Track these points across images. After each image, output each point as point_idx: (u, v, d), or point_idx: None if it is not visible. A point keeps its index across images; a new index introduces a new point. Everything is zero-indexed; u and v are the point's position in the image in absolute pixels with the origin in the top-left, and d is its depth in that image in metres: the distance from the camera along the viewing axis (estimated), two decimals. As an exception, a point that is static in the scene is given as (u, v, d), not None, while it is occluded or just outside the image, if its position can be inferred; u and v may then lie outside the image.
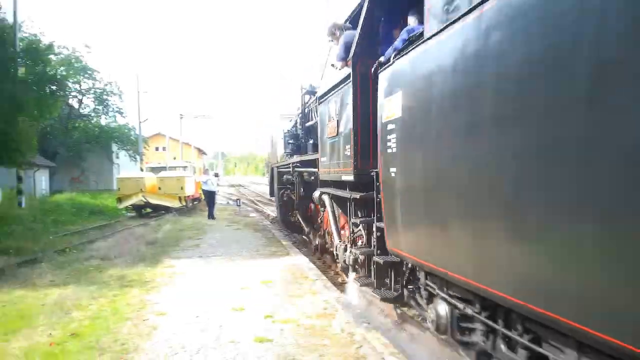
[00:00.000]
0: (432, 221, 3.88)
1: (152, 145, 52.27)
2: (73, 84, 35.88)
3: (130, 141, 38.00)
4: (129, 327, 5.27)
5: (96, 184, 36.59)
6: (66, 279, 7.83)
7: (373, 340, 4.72)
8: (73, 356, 4.42)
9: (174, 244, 11.60)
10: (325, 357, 4.35)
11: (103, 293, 6.80)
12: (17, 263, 9.34)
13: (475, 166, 3.17)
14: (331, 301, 6.20)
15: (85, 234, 14.70)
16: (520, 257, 2.73)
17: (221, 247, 10.94)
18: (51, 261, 9.57)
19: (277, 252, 10.16)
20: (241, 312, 5.80)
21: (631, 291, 2.03)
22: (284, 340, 4.79)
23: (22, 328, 5.26)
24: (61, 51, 33.58)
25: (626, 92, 2.02)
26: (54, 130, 33.65)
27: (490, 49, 2.92)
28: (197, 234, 13.33)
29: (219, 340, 4.83)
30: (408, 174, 4.32)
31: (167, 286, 7.23)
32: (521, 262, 2.72)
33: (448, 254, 3.62)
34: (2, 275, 8.33)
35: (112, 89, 39.15)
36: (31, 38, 20.13)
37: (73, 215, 19.66)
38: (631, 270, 2.02)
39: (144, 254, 10.01)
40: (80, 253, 10.60)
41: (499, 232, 2.93)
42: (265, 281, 7.43)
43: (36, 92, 17.19)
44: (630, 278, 2.04)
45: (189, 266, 8.75)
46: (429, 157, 3.86)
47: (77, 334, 5.05)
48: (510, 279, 2.85)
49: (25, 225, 14.77)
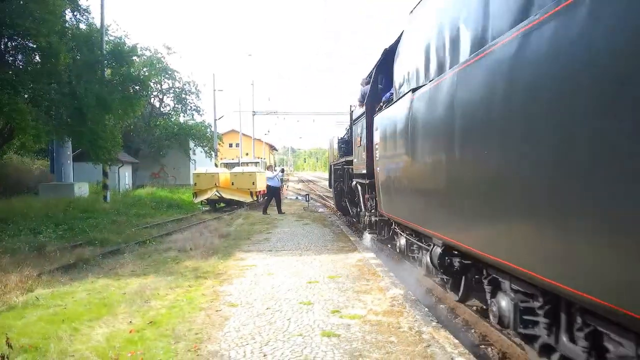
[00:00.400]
0: (394, 195, 7.82)
1: (226, 141, 54.05)
2: (155, 84, 37.79)
3: (206, 138, 39.47)
4: (203, 317, 5.47)
5: (174, 179, 38.36)
6: (146, 269, 8.27)
7: (442, 340, 4.60)
8: (150, 343, 4.65)
9: (245, 237, 11.93)
10: (392, 354, 4.29)
11: (179, 283, 7.11)
12: (102, 254, 9.99)
13: (401, 170, 7.07)
14: (399, 298, 6.11)
15: (163, 227, 15.45)
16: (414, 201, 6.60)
17: (290, 242, 11.12)
18: (132, 252, 10.16)
19: (345, 248, 10.17)
20: (309, 306, 5.86)
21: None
22: (350, 336, 4.78)
23: (104, 315, 5.59)
24: (144, 53, 35.51)
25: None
26: (137, 128, 35.60)
27: (413, 114, 6.26)
28: (267, 229, 13.62)
29: (288, 333, 4.90)
30: (383, 171, 8.44)
31: (238, 278, 7.44)
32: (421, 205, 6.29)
33: (402, 211, 7.48)
34: (88, 265, 8.93)
35: (190, 88, 40.85)
36: (116, 41, 21.32)
37: (153, 208, 20.73)
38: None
39: (217, 246, 10.36)
40: (159, 245, 11.16)
41: (418, 195, 6.51)
42: (333, 276, 7.46)
43: (121, 93, 18.25)
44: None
45: (259, 259, 8.96)
46: (389, 163, 7.92)
47: (154, 322, 5.31)
48: (418, 215, 6.52)
49: (109, 218, 15.75)
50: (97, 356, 4.30)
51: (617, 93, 2.44)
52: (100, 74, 17.98)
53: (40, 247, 10.25)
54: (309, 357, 4.26)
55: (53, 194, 18.93)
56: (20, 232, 12.36)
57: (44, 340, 4.69)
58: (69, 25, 17.76)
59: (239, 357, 4.28)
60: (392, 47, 8.93)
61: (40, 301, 6.25)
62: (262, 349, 4.49)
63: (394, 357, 4.24)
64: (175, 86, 40.53)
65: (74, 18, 18.64)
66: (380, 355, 4.27)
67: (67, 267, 8.56)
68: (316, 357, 4.26)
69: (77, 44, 17.04)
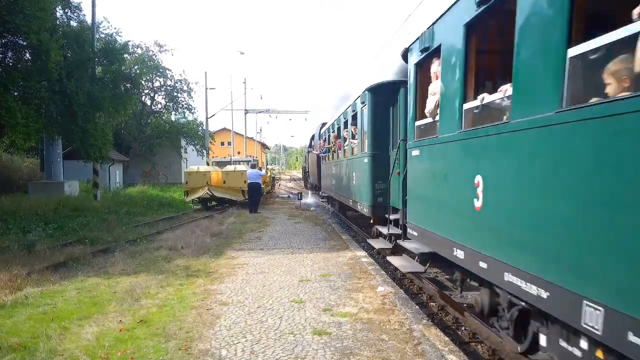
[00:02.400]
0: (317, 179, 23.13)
1: (217, 140, 53.81)
2: (146, 82, 37.57)
3: (197, 136, 39.33)
4: (194, 316, 5.46)
5: (165, 178, 38.21)
6: (136, 268, 8.23)
7: (432, 337, 4.62)
8: (141, 342, 4.63)
9: (237, 236, 11.91)
10: (383, 352, 4.31)
11: (170, 282, 7.09)
12: (92, 252, 9.92)
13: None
14: (390, 296, 6.14)
15: (154, 226, 15.37)
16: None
17: (282, 240, 11.12)
18: (123, 251, 10.11)
19: (337, 246, 10.19)
20: (300, 305, 5.87)
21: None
22: (342, 334, 4.80)
23: (95, 314, 5.57)
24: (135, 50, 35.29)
25: None
26: (128, 126, 35.40)
27: (315, 158, 23.47)
28: (259, 227, 13.62)
29: (279, 332, 4.91)
30: (315, 172, 24.50)
31: (229, 277, 7.43)
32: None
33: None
34: (78, 263, 8.87)
35: (182, 86, 40.66)
36: (108, 38, 21.19)
37: (144, 207, 20.63)
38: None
39: (208, 245, 10.34)
40: (150, 243, 11.11)
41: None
42: (325, 274, 7.47)
43: (112, 91, 18.14)
44: None
45: (251, 258, 8.95)
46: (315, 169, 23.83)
47: (145, 320, 5.30)
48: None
49: (100, 217, 15.65)
50: (86, 355, 4.28)
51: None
52: (91, 71, 17.86)
53: (30, 245, 10.17)
54: (300, 356, 4.27)
55: (43, 192, 18.76)
56: (9, 231, 12.26)
57: (33, 339, 4.67)
58: (59, 23, 17.64)
59: (230, 356, 4.28)
60: (315, 133, 23.67)
61: (30, 300, 6.21)
62: (253, 347, 4.49)
63: (384, 354, 4.26)
64: (167, 84, 40.29)
65: (65, 15, 18.54)
66: (371, 353, 4.29)
67: (57, 266, 8.50)
68: (307, 356, 4.27)
69: (68, 42, 16.93)
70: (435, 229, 5.49)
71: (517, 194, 3.51)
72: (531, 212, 3.27)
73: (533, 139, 3.24)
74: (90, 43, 18.10)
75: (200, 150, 39.04)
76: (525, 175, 3.37)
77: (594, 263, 2.65)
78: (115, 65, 19.22)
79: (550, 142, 3.03)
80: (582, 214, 2.73)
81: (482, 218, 4.11)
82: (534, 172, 3.24)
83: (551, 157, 3.02)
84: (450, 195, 5.02)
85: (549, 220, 3.05)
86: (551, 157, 3.02)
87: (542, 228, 3.13)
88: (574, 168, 2.81)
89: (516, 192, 3.52)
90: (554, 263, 3.00)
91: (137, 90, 22.53)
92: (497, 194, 3.88)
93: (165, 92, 40.50)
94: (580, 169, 2.76)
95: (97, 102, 16.57)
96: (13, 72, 14.51)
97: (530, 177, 3.30)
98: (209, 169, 22.07)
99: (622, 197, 2.44)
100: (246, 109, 47.55)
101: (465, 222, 4.52)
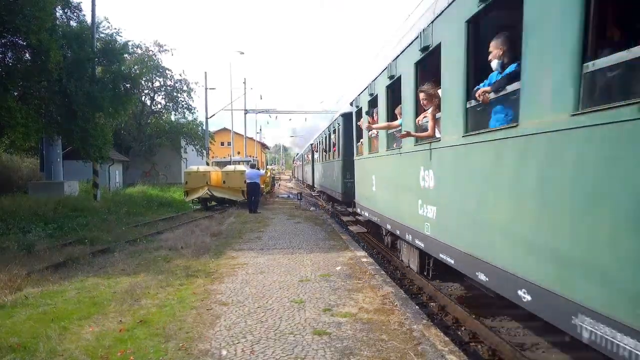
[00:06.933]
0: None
1: (217, 140, 53.86)
2: (146, 82, 37.59)
3: (197, 136, 39.33)
4: (194, 316, 5.46)
5: (165, 178, 38.21)
6: (136, 268, 8.22)
7: (432, 337, 4.62)
8: (140, 342, 4.63)
9: (237, 236, 11.91)
10: (383, 352, 4.31)
11: (170, 282, 7.09)
12: (92, 252, 9.92)
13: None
14: (390, 296, 6.13)
15: (154, 226, 15.38)
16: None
17: (282, 240, 11.11)
18: (123, 251, 10.12)
19: (337, 246, 10.18)
20: (300, 305, 5.86)
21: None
22: (342, 334, 4.79)
23: (94, 314, 5.57)
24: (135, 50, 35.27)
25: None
26: (128, 126, 35.43)
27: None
28: (258, 227, 13.61)
29: (279, 332, 4.90)
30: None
31: (229, 277, 7.43)
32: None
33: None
34: (78, 263, 8.87)
35: (182, 87, 40.67)
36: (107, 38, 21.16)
37: (144, 207, 20.66)
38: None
39: (208, 245, 10.34)
40: (149, 243, 11.11)
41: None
42: (325, 274, 7.47)
43: (112, 91, 18.14)
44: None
45: (250, 258, 8.95)
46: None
47: (145, 321, 5.29)
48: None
49: (99, 217, 15.65)
50: (86, 355, 4.28)
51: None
52: (91, 71, 17.85)
53: (30, 245, 10.17)
54: (300, 356, 4.26)
55: (43, 192, 18.76)
56: (9, 231, 12.27)
57: (33, 340, 4.66)
58: (59, 23, 17.63)
59: (230, 356, 4.28)
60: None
61: (30, 300, 6.20)
62: (253, 347, 4.48)
63: (384, 355, 4.26)
64: (167, 84, 40.34)
65: (65, 15, 18.54)
66: (371, 353, 4.28)
67: (57, 266, 8.50)
68: (307, 356, 4.27)
69: (67, 42, 16.91)
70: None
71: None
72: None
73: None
74: (90, 43, 18.09)
75: (200, 151, 39.08)
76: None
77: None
78: (115, 65, 19.20)
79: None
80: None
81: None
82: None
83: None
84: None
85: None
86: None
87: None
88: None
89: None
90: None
91: (137, 91, 22.53)
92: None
93: (165, 92, 40.56)
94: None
95: (97, 102, 16.56)
96: (13, 72, 14.51)
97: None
98: (208, 169, 22.09)
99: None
100: (246, 109, 47.49)
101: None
